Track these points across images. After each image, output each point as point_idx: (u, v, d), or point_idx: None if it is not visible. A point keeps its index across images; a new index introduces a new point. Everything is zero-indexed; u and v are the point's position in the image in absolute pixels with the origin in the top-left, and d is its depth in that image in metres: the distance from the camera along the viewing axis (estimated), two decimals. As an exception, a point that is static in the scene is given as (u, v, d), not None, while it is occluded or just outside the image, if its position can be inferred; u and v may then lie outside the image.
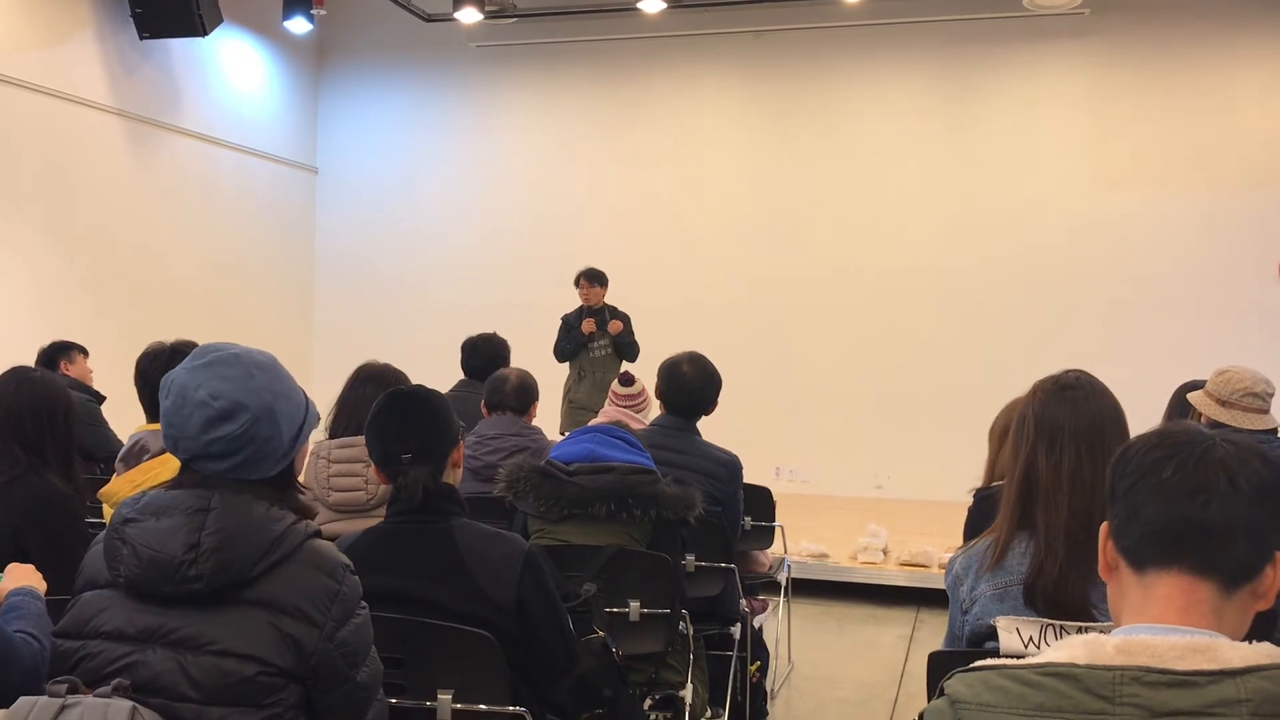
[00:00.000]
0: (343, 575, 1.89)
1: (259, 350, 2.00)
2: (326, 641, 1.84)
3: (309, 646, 1.82)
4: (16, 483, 3.12)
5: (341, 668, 1.87)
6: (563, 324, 8.01)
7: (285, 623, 1.81)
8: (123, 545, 1.83)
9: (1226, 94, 9.04)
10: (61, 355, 5.89)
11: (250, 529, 1.83)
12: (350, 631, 1.88)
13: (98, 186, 8.57)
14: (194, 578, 1.78)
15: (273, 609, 1.81)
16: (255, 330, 9.82)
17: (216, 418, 1.86)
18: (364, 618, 1.94)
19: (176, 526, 1.82)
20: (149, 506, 1.86)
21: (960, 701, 1.30)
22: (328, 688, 1.86)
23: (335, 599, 1.86)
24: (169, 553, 1.79)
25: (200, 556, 1.79)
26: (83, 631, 1.84)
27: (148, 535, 1.82)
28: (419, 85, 11.01)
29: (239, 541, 1.81)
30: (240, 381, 1.89)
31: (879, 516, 7.73)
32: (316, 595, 1.84)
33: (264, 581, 1.82)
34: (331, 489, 3.36)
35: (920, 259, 9.59)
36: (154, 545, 1.80)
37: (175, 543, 1.80)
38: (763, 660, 4.67)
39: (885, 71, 9.83)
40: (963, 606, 2.33)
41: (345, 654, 1.87)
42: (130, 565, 1.81)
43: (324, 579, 1.86)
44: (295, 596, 1.83)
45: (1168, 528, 1.32)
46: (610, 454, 3.39)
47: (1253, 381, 3.87)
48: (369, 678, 1.95)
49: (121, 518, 1.87)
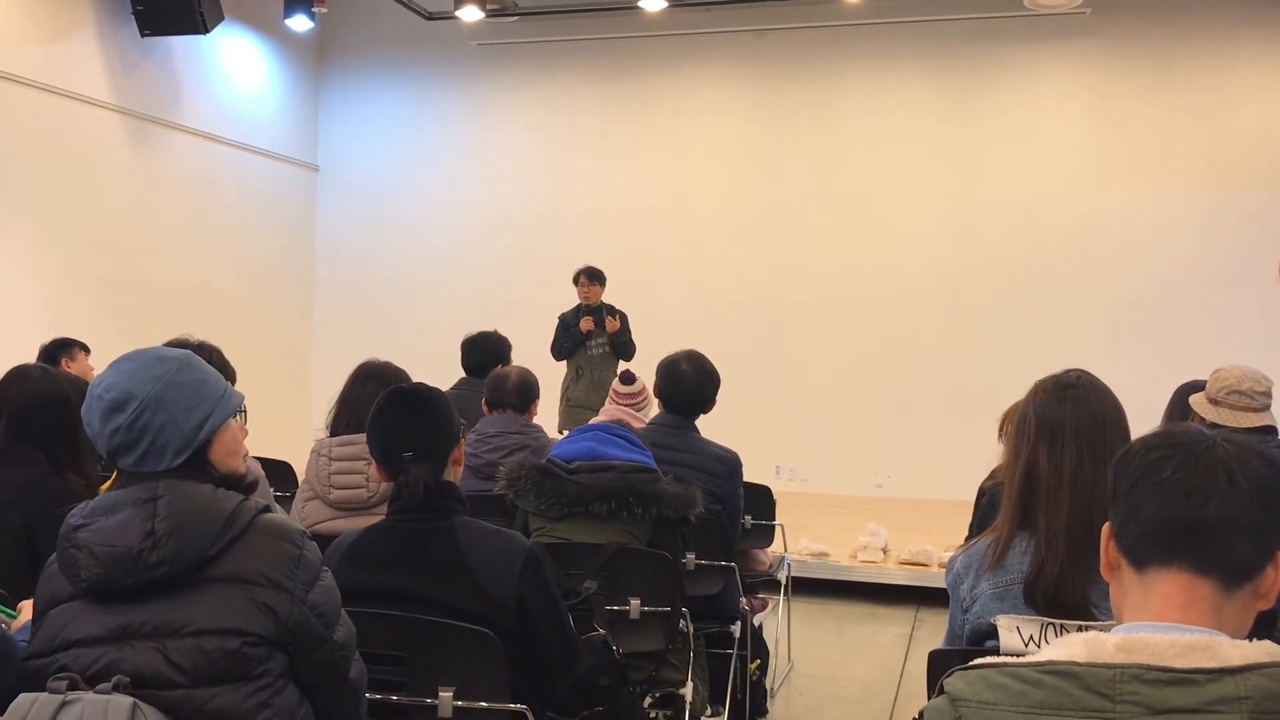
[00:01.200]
0: (301, 540, 1.93)
1: (178, 350, 2.04)
2: (300, 605, 1.87)
3: (283, 612, 1.85)
4: (34, 484, 3.08)
5: (318, 629, 1.91)
6: (560, 322, 8.01)
7: (256, 592, 1.84)
8: (78, 551, 1.83)
9: (1227, 93, 9.04)
10: (63, 352, 5.88)
11: (202, 509, 1.85)
12: (320, 593, 1.92)
13: (98, 184, 8.57)
14: (156, 563, 1.80)
15: (241, 582, 1.84)
16: (256, 328, 9.84)
17: (109, 408, 1.90)
18: (329, 580, 1.98)
19: (129, 519, 1.83)
20: (97, 509, 1.88)
21: (960, 699, 1.31)
22: (308, 651, 1.90)
23: (299, 564, 1.90)
24: (126, 544, 1.80)
25: (159, 542, 1.80)
26: (53, 647, 1.84)
27: (102, 534, 1.83)
28: (420, 83, 11.01)
29: (194, 523, 1.83)
30: (133, 374, 1.93)
31: (879, 515, 7.73)
32: (280, 562, 1.88)
33: (225, 558, 1.84)
34: (332, 486, 3.37)
35: (920, 258, 9.59)
36: (110, 541, 1.81)
37: (130, 534, 1.81)
38: (763, 658, 4.67)
39: (886, 71, 9.83)
40: (963, 605, 2.33)
41: (319, 615, 1.91)
42: (89, 567, 1.81)
43: (285, 546, 1.90)
44: (260, 566, 1.86)
45: (1167, 526, 1.33)
46: (611, 452, 3.39)
47: (1239, 379, 3.86)
48: (345, 637, 1.99)
49: (70, 526, 1.87)
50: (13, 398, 3.19)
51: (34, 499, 3.06)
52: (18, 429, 3.15)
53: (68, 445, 3.22)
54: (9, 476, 3.11)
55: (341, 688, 1.99)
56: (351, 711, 2.03)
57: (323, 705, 1.96)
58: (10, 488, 3.08)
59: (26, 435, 3.14)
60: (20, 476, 3.10)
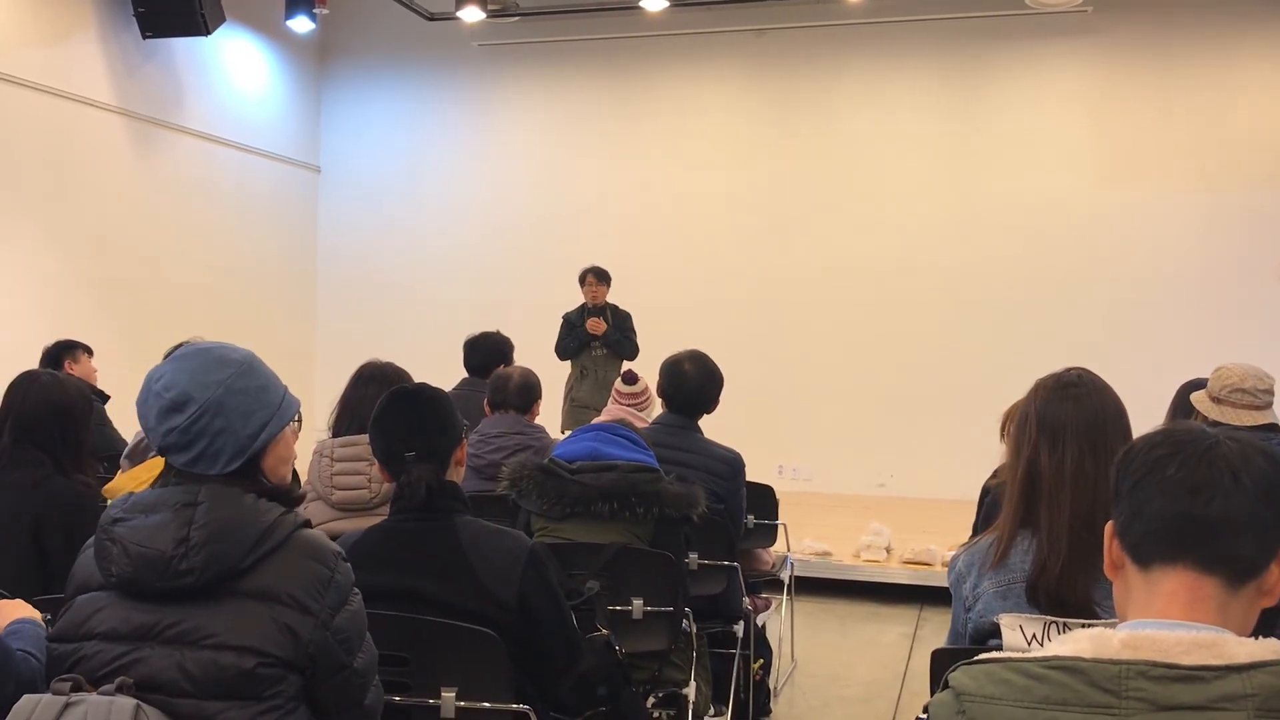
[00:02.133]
0: (335, 562, 1.89)
1: (239, 348, 1.99)
2: (323, 629, 1.84)
3: (305, 635, 1.82)
4: (41, 485, 3.13)
5: (339, 655, 1.87)
6: (564, 322, 7.99)
7: (280, 612, 1.81)
8: (112, 545, 1.82)
9: (1229, 92, 9.03)
10: (66, 354, 5.89)
11: (239, 521, 1.83)
12: (345, 618, 1.89)
13: (100, 186, 8.57)
14: (185, 571, 1.78)
15: (267, 599, 1.81)
16: (258, 329, 9.84)
17: (167, 408, 1.87)
18: (358, 604, 1.94)
19: (165, 522, 1.81)
20: (137, 505, 1.86)
21: (965, 694, 1.31)
22: (326, 676, 1.86)
23: (329, 586, 1.86)
24: (159, 548, 1.79)
25: (191, 550, 1.78)
26: (78, 634, 1.84)
27: (137, 533, 1.81)
28: (421, 84, 11.02)
29: (229, 533, 1.81)
30: (195, 374, 1.89)
31: (882, 514, 7.73)
32: (310, 583, 1.84)
33: (256, 572, 1.82)
34: (334, 487, 3.36)
35: (922, 256, 9.59)
36: (144, 542, 1.80)
37: (164, 538, 1.79)
38: (766, 658, 4.67)
39: (887, 70, 9.82)
40: (965, 604, 2.33)
41: (341, 641, 1.87)
42: (121, 564, 1.80)
43: (316, 567, 1.87)
44: (289, 586, 1.83)
45: (1172, 524, 1.32)
46: (613, 452, 3.39)
47: (1241, 377, 3.85)
48: (365, 664, 1.95)
49: (110, 518, 1.86)
50: (20, 403, 3.25)
51: (42, 500, 3.11)
52: (23, 433, 3.21)
53: (71, 451, 3.27)
54: (17, 479, 3.16)
55: (356, 713, 1.95)
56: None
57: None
58: (18, 489, 3.13)
59: (32, 439, 3.19)
60: (28, 478, 3.15)
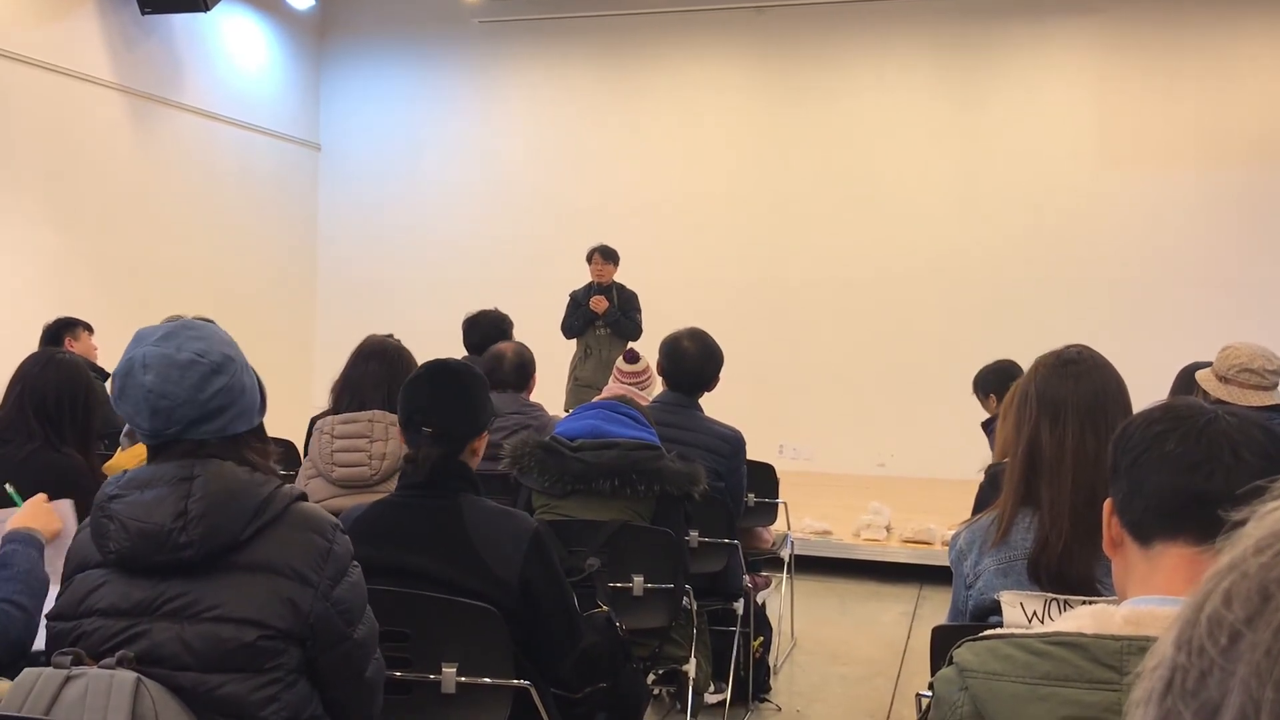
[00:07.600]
0: (333, 534, 1.91)
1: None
2: (323, 600, 1.85)
3: (305, 606, 1.83)
4: (33, 457, 3.15)
5: (339, 626, 1.88)
6: (571, 300, 7.96)
7: (281, 584, 1.82)
8: (110, 522, 1.83)
9: (1232, 72, 8.99)
10: (67, 331, 5.89)
11: (237, 493, 1.84)
12: (346, 589, 1.90)
13: (99, 163, 8.55)
14: (184, 544, 1.79)
15: (267, 571, 1.82)
16: (258, 306, 9.84)
17: (210, 371, 1.86)
18: (358, 575, 1.95)
19: (163, 497, 1.82)
20: (133, 481, 1.86)
21: (968, 669, 1.31)
22: (327, 647, 1.87)
23: (328, 557, 1.87)
24: (157, 522, 1.80)
25: (189, 523, 1.79)
26: (77, 611, 1.85)
27: (134, 508, 1.82)
28: (422, 61, 10.97)
29: (227, 506, 1.82)
30: (210, 339, 1.91)
31: (882, 494, 7.73)
32: (309, 555, 1.85)
33: (255, 545, 1.83)
34: (335, 464, 3.37)
35: (924, 237, 9.57)
36: (141, 517, 1.81)
37: (162, 512, 1.80)
38: (766, 636, 4.69)
39: (889, 48, 9.77)
40: (966, 581, 2.34)
41: (342, 612, 1.88)
42: (119, 540, 1.81)
43: (315, 538, 1.87)
44: (288, 557, 1.84)
45: (1172, 500, 1.32)
46: (615, 430, 3.39)
47: (1250, 357, 3.84)
48: (366, 635, 1.96)
49: (106, 495, 1.87)
50: (33, 377, 3.27)
51: (31, 474, 3.12)
52: (30, 405, 3.22)
53: (78, 429, 3.30)
54: (8, 453, 3.17)
55: (357, 685, 1.96)
56: (365, 709, 2.00)
57: (336, 701, 1.94)
58: (8, 463, 3.14)
59: (38, 412, 3.21)
60: (18, 452, 3.17)
